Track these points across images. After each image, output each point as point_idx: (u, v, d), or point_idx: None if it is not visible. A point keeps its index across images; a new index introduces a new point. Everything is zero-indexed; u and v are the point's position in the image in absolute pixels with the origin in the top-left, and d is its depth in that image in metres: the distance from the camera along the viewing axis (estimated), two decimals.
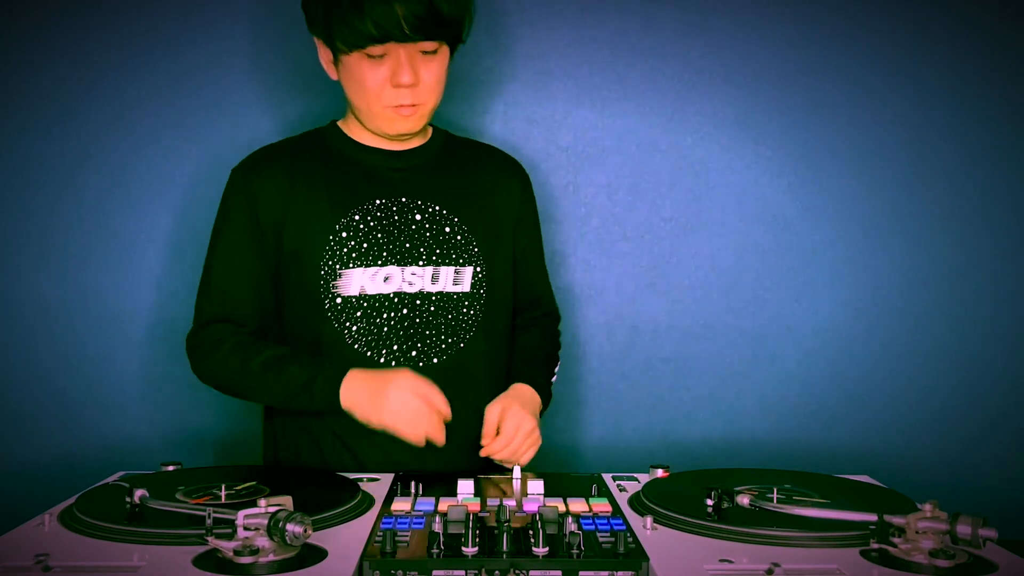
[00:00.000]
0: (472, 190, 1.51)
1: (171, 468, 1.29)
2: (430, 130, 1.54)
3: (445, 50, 1.40)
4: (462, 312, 1.47)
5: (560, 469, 1.60)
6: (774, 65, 1.83)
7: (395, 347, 1.44)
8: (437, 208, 1.47)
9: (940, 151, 1.84)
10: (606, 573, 0.93)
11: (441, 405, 1.32)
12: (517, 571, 0.92)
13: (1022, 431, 1.87)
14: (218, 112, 1.80)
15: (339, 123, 1.52)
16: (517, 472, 1.26)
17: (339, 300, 1.43)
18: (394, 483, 1.25)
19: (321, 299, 1.43)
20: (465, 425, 1.41)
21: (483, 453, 1.38)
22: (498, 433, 1.38)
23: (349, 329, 1.43)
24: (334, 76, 1.43)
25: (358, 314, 1.43)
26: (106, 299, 1.81)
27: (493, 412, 1.40)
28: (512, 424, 1.38)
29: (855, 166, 1.84)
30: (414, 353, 1.44)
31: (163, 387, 1.82)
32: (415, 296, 1.44)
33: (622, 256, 1.84)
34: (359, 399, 1.34)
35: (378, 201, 1.45)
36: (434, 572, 0.93)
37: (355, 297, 1.43)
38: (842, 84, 1.83)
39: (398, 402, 1.32)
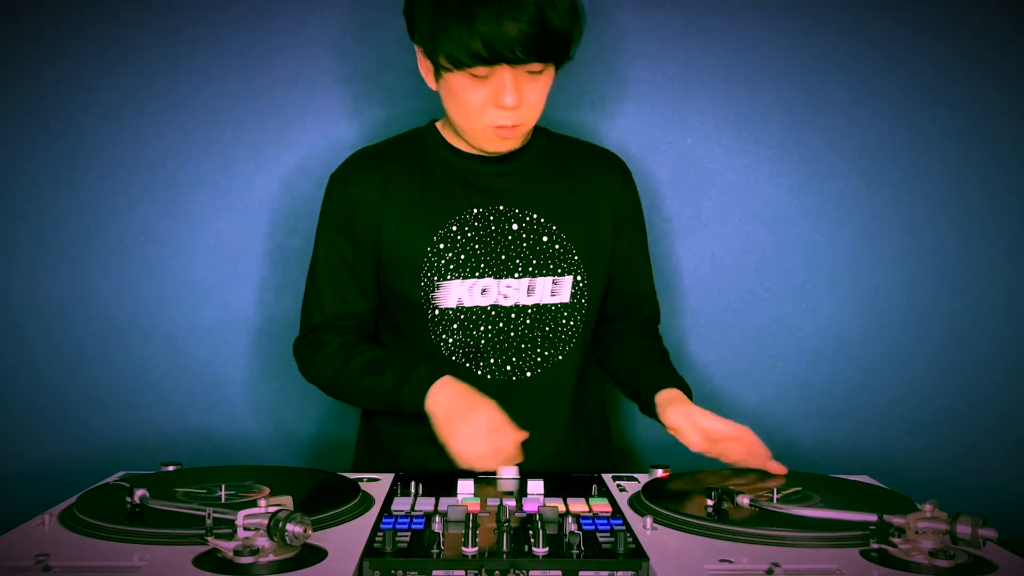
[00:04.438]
0: (571, 195, 1.48)
1: (171, 468, 1.29)
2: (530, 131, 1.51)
3: (551, 69, 1.36)
4: (560, 324, 1.45)
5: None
6: (774, 65, 1.82)
7: (491, 360, 1.44)
8: (535, 216, 1.45)
9: (941, 151, 1.84)
10: (606, 573, 0.93)
11: (510, 447, 1.30)
12: (517, 571, 0.92)
13: (1022, 431, 1.87)
14: (219, 113, 1.80)
15: (438, 124, 1.50)
16: (515, 471, 1.25)
17: (437, 312, 1.43)
18: (394, 483, 1.25)
19: (423, 309, 1.43)
20: (552, 434, 1.43)
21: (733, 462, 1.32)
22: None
23: (446, 341, 1.44)
24: (433, 87, 1.40)
25: (455, 326, 1.43)
26: (106, 299, 1.81)
27: (692, 430, 1.33)
28: (720, 429, 1.33)
29: (855, 166, 1.84)
30: (508, 367, 1.44)
31: (163, 387, 1.82)
32: (510, 309, 1.43)
33: None
34: (440, 411, 1.34)
35: (475, 210, 1.44)
36: (434, 572, 0.93)
37: (452, 309, 1.43)
38: (842, 84, 1.83)
39: (468, 437, 1.31)
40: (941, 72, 1.83)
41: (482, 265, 1.43)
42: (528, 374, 1.45)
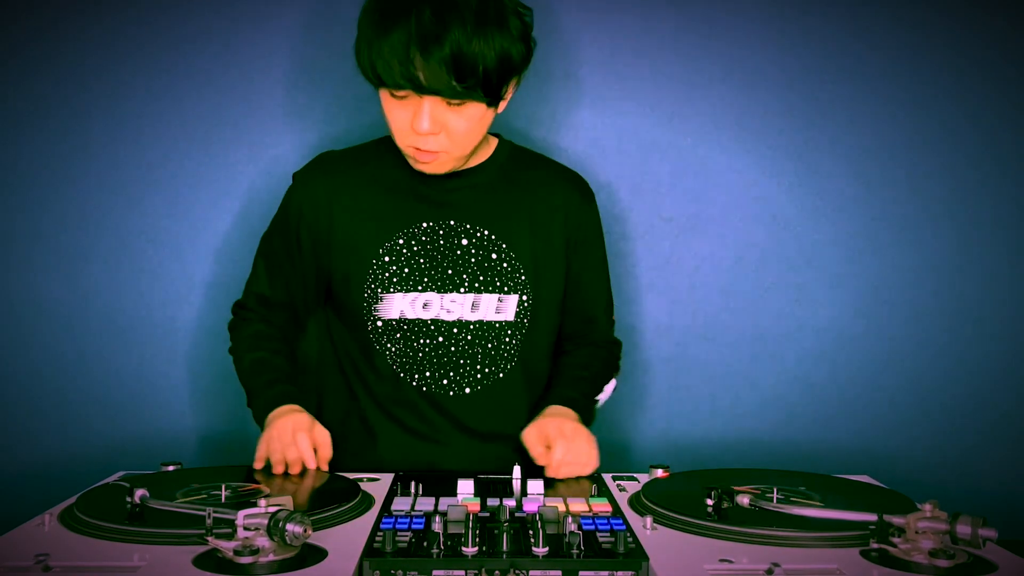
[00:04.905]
0: (525, 213, 1.47)
1: (171, 468, 1.30)
2: (494, 143, 1.50)
3: (478, 104, 1.31)
4: (503, 342, 1.45)
5: None
6: (774, 65, 1.82)
7: (427, 374, 1.45)
8: (485, 233, 1.44)
9: (941, 151, 1.84)
10: (606, 573, 0.93)
11: (303, 444, 1.29)
12: (517, 571, 0.92)
13: (1022, 431, 1.87)
14: (219, 113, 1.80)
15: None
16: (517, 472, 1.26)
17: (380, 323, 1.44)
18: (394, 483, 1.25)
19: (364, 320, 1.44)
20: (502, 456, 1.41)
21: (549, 474, 1.31)
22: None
23: (388, 349, 1.45)
24: None
25: (397, 335, 1.44)
26: (106, 299, 1.81)
27: (530, 435, 1.37)
28: (554, 432, 1.33)
29: (855, 166, 1.84)
30: (446, 381, 1.45)
31: (163, 387, 1.82)
32: (452, 324, 1.43)
33: (622, 256, 1.84)
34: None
35: (424, 224, 1.44)
36: (434, 572, 0.93)
37: (395, 320, 1.43)
38: (842, 84, 1.83)
39: (269, 432, 1.32)
40: (941, 72, 1.83)
41: (425, 279, 1.43)
42: (467, 390, 1.45)
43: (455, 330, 1.44)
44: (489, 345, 1.45)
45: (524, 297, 1.45)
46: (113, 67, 1.79)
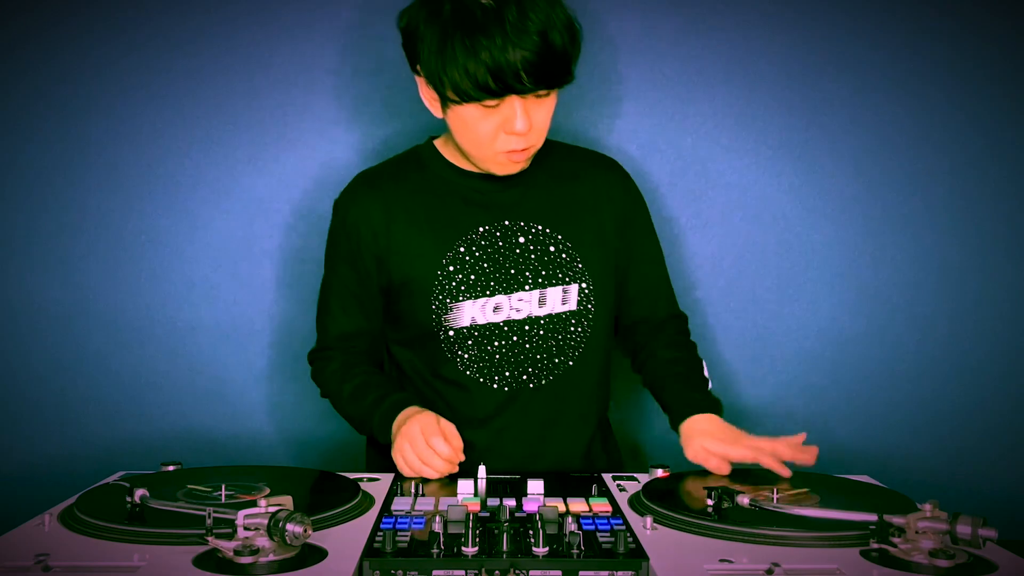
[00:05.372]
0: (573, 202, 1.49)
1: (171, 468, 1.30)
2: None
3: (555, 90, 1.36)
4: (569, 331, 1.47)
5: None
6: (774, 65, 1.82)
7: (507, 373, 1.46)
8: (540, 228, 1.46)
9: (941, 150, 1.84)
10: (606, 573, 0.93)
11: (435, 457, 1.29)
12: (517, 571, 0.92)
13: (1022, 431, 1.87)
14: (219, 113, 1.80)
15: (436, 143, 1.51)
16: (482, 472, 1.24)
17: (452, 332, 1.44)
18: (394, 483, 1.25)
19: (435, 331, 1.44)
20: (570, 439, 1.47)
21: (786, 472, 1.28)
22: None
23: (462, 357, 1.45)
24: (439, 115, 1.40)
25: (469, 343, 1.44)
26: (106, 299, 1.81)
27: (702, 457, 1.33)
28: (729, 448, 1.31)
29: (855, 166, 1.84)
30: (525, 377, 1.46)
31: (163, 387, 1.82)
32: (523, 322, 1.45)
33: None
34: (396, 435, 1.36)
35: (481, 229, 1.45)
36: (434, 572, 0.93)
37: (466, 328, 1.44)
38: (842, 84, 1.83)
39: (399, 449, 1.33)
40: (942, 71, 1.83)
41: (492, 283, 1.44)
42: (543, 382, 1.47)
43: (527, 327, 1.45)
44: (560, 336, 1.46)
45: (584, 285, 1.47)
46: (113, 67, 1.79)
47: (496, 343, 1.45)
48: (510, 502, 1.14)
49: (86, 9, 1.78)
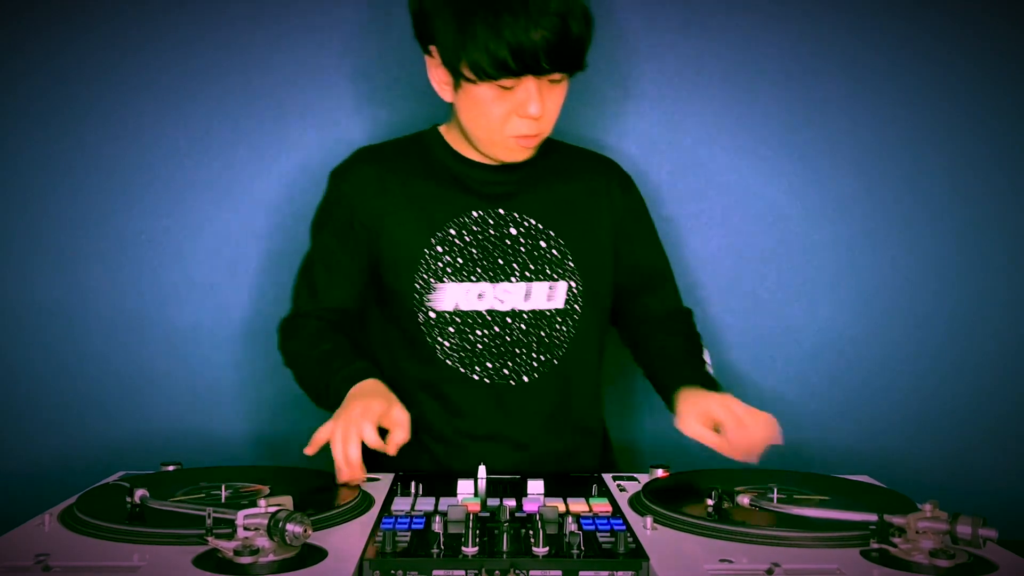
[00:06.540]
0: (569, 201, 1.50)
1: (171, 468, 1.30)
2: None
3: (567, 78, 1.38)
4: (555, 329, 1.46)
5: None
6: (774, 65, 1.82)
7: (488, 364, 1.45)
8: (533, 222, 1.46)
9: (941, 150, 1.84)
10: (606, 573, 0.93)
11: (369, 435, 1.21)
12: (517, 571, 0.92)
13: (1022, 431, 1.87)
14: (219, 112, 1.80)
15: (441, 129, 1.51)
16: (482, 472, 1.24)
17: (433, 315, 1.43)
18: (394, 483, 1.25)
19: (414, 311, 1.43)
20: (562, 441, 1.45)
21: (741, 457, 1.27)
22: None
23: (442, 345, 1.44)
24: (448, 98, 1.40)
25: (451, 329, 1.43)
26: (106, 299, 1.81)
27: (690, 425, 1.30)
28: (722, 413, 1.28)
29: (855, 166, 1.84)
30: (506, 371, 1.45)
31: (163, 387, 1.82)
32: (506, 314, 1.44)
33: None
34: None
35: (474, 214, 1.45)
36: (434, 572, 0.93)
37: (449, 312, 1.43)
38: (842, 84, 1.83)
39: (335, 415, 1.26)
40: (941, 72, 1.83)
41: (478, 269, 1.44)
42: (526, 378, 1.46)
43: (509, 320, 1.44)
44: (542, 333, 1.45)
45: (572, 284, 1.46)
46: (113, 67, 1.78)
47: (478, 332, 1.44)
48: (510, 502, 1.14)
49: (86, 9, 1.77)
